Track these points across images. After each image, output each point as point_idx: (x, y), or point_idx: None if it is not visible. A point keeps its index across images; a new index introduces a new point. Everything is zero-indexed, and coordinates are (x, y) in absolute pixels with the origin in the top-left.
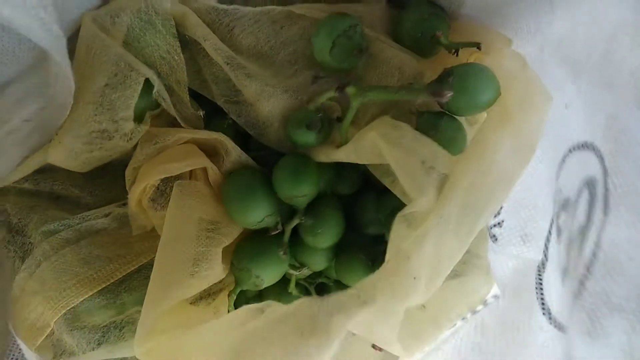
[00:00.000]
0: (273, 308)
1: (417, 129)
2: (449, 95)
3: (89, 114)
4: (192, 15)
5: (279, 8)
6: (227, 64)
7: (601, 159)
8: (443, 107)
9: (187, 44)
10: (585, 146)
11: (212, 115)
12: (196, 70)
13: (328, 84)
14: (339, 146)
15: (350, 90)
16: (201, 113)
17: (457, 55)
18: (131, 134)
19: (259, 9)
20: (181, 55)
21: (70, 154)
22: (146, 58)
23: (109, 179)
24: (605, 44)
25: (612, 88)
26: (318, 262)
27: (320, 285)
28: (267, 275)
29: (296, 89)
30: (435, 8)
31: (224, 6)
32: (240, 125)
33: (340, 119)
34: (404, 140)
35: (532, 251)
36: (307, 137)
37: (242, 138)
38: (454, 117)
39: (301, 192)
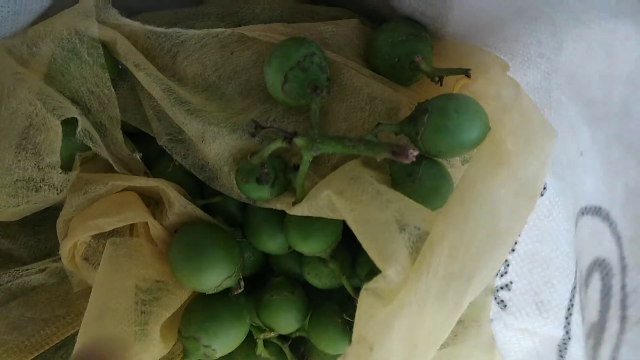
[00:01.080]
0: None
1: (391, 177)
2: (413, 155)
3: (11, 160)
4: (123, 41)
5: (229, 30)
6: (165, 98)
7: (618, 240)
8: (421, 150)
9: (126, 74)
10: (598, 213)
11: (158, 156)
12: (136, 103)
13: (275, 132)
14: (294, 202)
15: (299, 141)
16: (138, 155)
17: (441, 84)
18: (60, 185)
19: (204, 31)
20: (111, 88)
21: None
22: (72, 93)
23: (47, 226)
24: (625, 88)
25: (634, 150)
26: (287, 325)
27: (296, 341)
28: (221, 344)
29: (246, 128)
30: (415, 27)
31: (164, 30)
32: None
33: (297, 168)
34: (365, 197)
35: (552, 325)
36: (259, 192)
37: (196, 182)
38: (436, 161)
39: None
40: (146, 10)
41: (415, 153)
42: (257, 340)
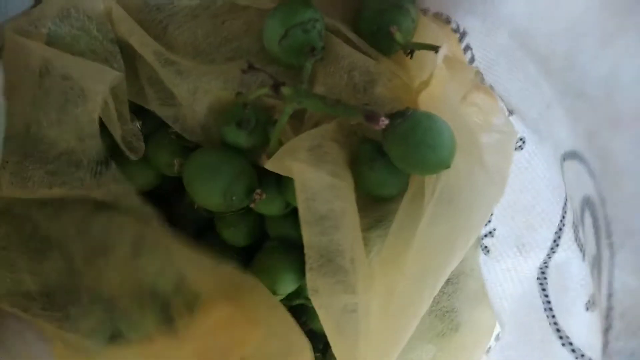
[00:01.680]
0: None
1: (356, 156)
2: (384, 123)
3: (55, 134)
4: (118, 9)
5: (220, 1)
6: (156, 60)
7: (593, 177)
8: (384, 147)
9: (122, 49)
10: (575, 156)
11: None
12: (133, 76)
13: (264, 79)
14: (268, 156)
15: (285, 90)
16: (138, 124)
17: (411, 57)
18: (99, 156)
19: (196, 2)
20: (121, 62)
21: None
22: None
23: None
24: (569, 43)
25: (583, 97)
26: (283, 286)
27: (297, 309)
28: None
29: (237, 76)
30: None
31: (156, 1)
32: (180, 134)
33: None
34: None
35: (531, 262)
36: (236, 137)
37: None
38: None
39: None
40: None
41: (386, 121)
42: None
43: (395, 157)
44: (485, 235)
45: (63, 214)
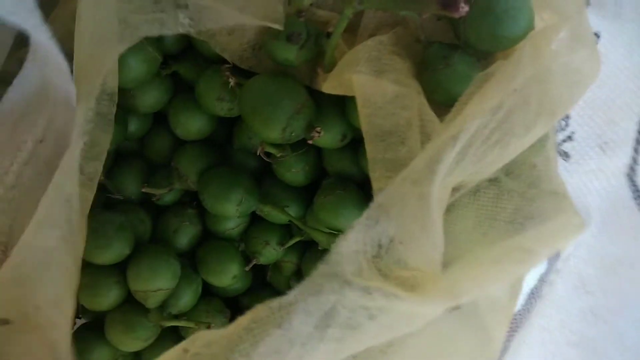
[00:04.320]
0: None
1: (423, 61)
2: (465, 9)
3: None
4: None
5: None
6: None
7: None
8: (459, 37)
9: None
10: None
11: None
12: None
13: None
14: (324, 70)
15: None
16: None
17: None
18: None
19: None
20: None
21: None
22: None
23: None
24: None
25: None
26: (346, 221)
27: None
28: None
29: None
30: None
31: None
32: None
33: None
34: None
35: (617, 158)
36: (286, 52)
37: None
38: (470, 55)
39: None
40: None
41: (466, 8)
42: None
43: (481, 36)
44: (564, 141)
45: None
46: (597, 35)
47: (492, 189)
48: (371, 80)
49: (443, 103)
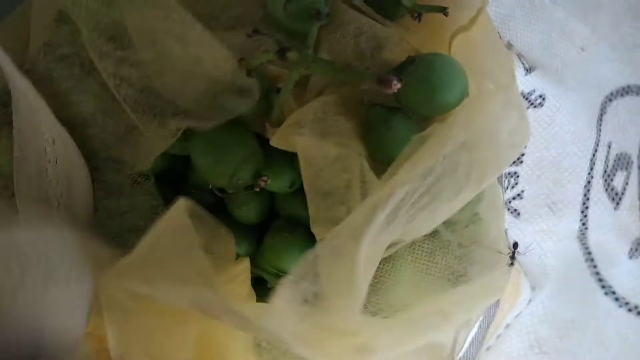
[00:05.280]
0: None
1: (366, 123)
2: (397, 86)
3: None
4: None
5: None
6: None
7: None
8: (400, 100)
9: None
10: (629, 91)
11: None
12: None
13: (268, 46)
14: (272, 125)
15: (292, 56)
16: None
17: (419, 20)
18: None
19: None
20: None
21: None
22: None
23: None
24: None
25: None
26: (289, 264)
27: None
28: None
29: (238, 49)
30: None
31: None
32: None
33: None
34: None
35: (566, 221)
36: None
37: None
38: (409, 117)
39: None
40: None
41: (398, 86)
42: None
43: (418, 102)
44: (514, 198)
45: None
46: (542, 97)
47: (427, 242)
48: (314, 142)
49: (384, 163)
